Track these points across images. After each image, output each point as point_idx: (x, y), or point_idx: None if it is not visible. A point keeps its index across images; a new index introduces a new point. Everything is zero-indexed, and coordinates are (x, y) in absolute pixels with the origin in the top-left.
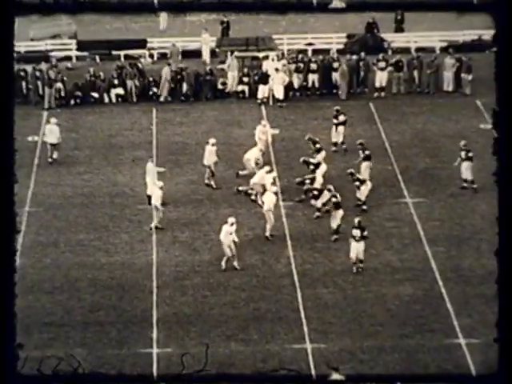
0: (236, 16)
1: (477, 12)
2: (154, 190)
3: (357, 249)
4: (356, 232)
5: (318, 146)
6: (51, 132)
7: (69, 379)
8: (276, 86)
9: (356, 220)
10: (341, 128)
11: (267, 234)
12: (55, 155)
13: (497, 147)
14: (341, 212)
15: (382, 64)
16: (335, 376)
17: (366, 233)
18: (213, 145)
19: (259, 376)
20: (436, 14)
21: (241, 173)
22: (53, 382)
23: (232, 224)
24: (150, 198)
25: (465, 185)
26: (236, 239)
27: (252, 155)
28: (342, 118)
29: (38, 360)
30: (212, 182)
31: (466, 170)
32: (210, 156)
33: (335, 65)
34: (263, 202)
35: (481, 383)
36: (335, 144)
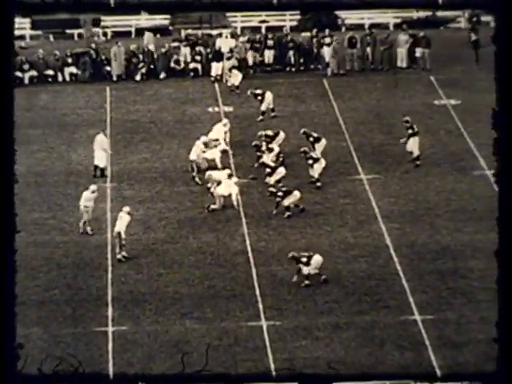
0: None
1: (476, 10)
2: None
3: (309, 270)
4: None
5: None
6: None
7: (69, 379)
8: (232, 76)
9: (290, 255)
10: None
11: (212, 207)
12: None
13: (497, 147)
14: (296, 193)
15: (328, 40)
16: None
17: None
18: (204, 143)
19: (260, 376)
20: None
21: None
22: (53, 381)
23: (93, 191)
24: (102, 170)
25: (413, 157)
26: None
27: (212, 153)
28: (259, 91)
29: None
30: (197, 178)
31: (414, 145)
32: (196, 151)
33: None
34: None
35: (480, 382)
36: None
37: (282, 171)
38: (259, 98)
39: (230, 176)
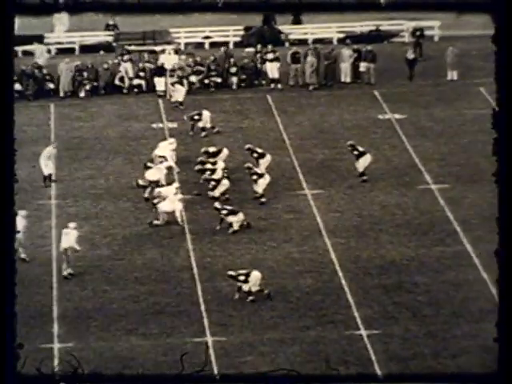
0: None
1: (476, 12)
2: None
3: (249, 287)
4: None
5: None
6: None
7: (69, 379)
8: (176, 91)
9: (228, 274)
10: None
11: (154, 222)
12: None
13: (496, 147)
14: (240, 215)
15: (271, 56)
16: None
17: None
18: (149, 160)
19: (259, 376)
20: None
21: (149, 164)
22: (53, 381)
23: (25, 216)
24: (46, 178)
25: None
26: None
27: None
28: (196, 115)
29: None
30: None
31: (364, 164)
32: (156, 173)
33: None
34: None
35: (480, 383)
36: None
37: (226, 183)
38: (196, 117)
39: (175, 192)
